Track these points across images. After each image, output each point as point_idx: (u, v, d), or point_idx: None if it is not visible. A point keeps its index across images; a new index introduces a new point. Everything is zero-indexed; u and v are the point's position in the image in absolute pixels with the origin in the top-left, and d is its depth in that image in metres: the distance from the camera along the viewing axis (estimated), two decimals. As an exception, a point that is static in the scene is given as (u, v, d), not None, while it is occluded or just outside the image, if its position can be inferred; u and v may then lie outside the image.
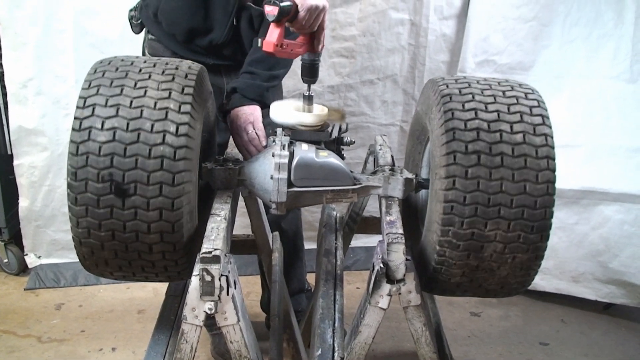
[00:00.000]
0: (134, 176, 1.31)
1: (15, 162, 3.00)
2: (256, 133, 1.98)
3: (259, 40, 1.65)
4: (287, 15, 1.60)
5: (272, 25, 1.63)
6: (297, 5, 1.61)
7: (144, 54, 2.27)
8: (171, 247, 1.38)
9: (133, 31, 2.30)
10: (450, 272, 1.46)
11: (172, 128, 1.34)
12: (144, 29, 2.27)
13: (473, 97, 1.47)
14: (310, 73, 1.77)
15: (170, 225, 1.35)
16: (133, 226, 1.34)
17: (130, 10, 2.28)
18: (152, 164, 1.32)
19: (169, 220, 1.35)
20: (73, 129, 1.33)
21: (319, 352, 1.55)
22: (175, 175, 1.33)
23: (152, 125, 1.33)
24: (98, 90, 1.37)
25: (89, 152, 1.31)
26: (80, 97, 1.36)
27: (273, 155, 1.57)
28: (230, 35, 2.12)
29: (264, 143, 1.97)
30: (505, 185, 1.37)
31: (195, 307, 1.32)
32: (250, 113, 2.00)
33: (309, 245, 2.85)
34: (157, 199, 1.33)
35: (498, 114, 1.43)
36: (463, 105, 1.45)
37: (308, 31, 1.68)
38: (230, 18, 2.08)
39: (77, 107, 1.35)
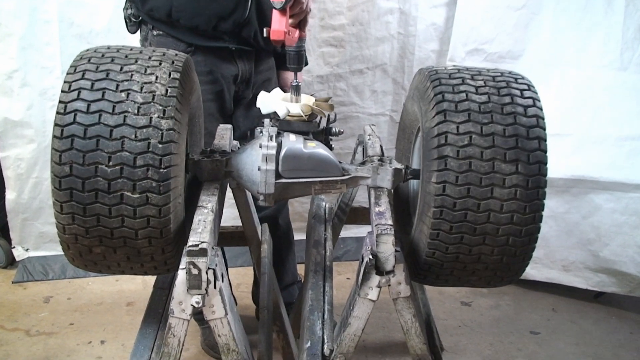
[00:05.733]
0: (120, 158, 1.29)
1: (1, 155, 2.98)
2: None
3: (265, 29, 1.64)
4: (292, 0, 1.60)
5: (277, 13, 1.61)
6: None
7: None
8: (158, 232, 1.36)
9: (129, 30, 2.25)
10: (443, 257, 1.44)
11: (159, 111, 1.32)
12: (142, 27, 2.22)
13: (463, 81, 1.47)
14: (297, 60, 1.76)
15: (157, 210, 1.33)
16: (119, 210, 1.32)
17: (125, 9, 2.23)
18: (139, 146, 1.30)
19: (156, 204, 1.32)
20: (58, 113, 1.30)
21: (308, 344, 1.54)
22: (162, 158, 1.31)
23: (139, 108, 1.32)
24: (84, 75, 1.35)
25: (74, 135, 1.29)
26: (65, 82, 1.34)
27: (260, 146, 1.55)
28: (253, 12, 2.11)
29: None
30: (497, 165, 1.37)
31: (183, 300, 1.30)
32: None
33: (299, 236, 2.84)
34: (143, 181, 1.30)
35: (489, 97, 1.43)
36: (453, 88, 1.45)
37: (304, 14, 1.67)
38: None
39: (62, 92, 1.33)
